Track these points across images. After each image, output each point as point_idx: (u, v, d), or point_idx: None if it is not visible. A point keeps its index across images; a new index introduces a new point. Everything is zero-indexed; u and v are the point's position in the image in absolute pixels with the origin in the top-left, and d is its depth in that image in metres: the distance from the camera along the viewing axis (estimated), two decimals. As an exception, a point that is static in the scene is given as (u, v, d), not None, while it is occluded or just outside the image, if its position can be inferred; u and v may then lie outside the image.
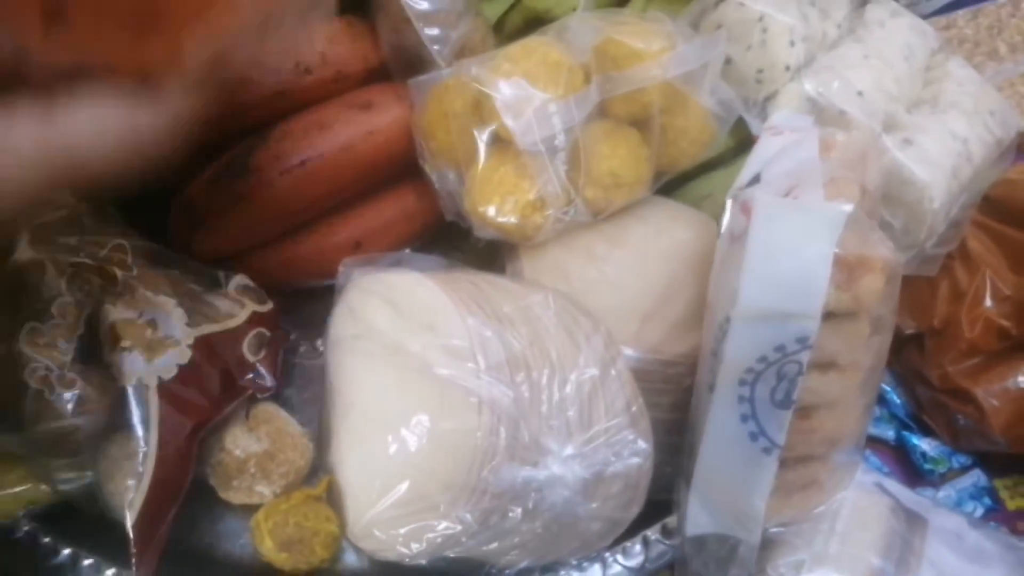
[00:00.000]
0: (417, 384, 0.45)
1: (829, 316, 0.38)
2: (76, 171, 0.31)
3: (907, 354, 0.57)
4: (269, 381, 0.53)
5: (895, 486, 0.48)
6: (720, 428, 0.41)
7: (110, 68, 0.32)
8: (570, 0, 0.60)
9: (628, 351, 0.50)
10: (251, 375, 0.52)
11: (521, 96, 0.47)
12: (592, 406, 0.45)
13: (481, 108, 0.49)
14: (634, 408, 0.46)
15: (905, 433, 0.56)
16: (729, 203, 0.41)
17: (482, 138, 0.50)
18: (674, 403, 0.50)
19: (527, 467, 0.43)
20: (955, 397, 0.54)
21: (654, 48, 0.49)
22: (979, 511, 0.55)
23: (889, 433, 0.57)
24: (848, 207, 0.36)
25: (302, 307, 0.59)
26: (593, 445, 0.45)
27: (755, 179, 0.47)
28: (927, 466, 0.55)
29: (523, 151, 0.48)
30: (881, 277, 0.38)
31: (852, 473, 0.45)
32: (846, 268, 0.38)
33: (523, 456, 0.44)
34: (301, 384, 0.57)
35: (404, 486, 0.44)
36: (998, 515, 0.55)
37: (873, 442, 0.57)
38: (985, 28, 0.70)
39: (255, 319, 0.53)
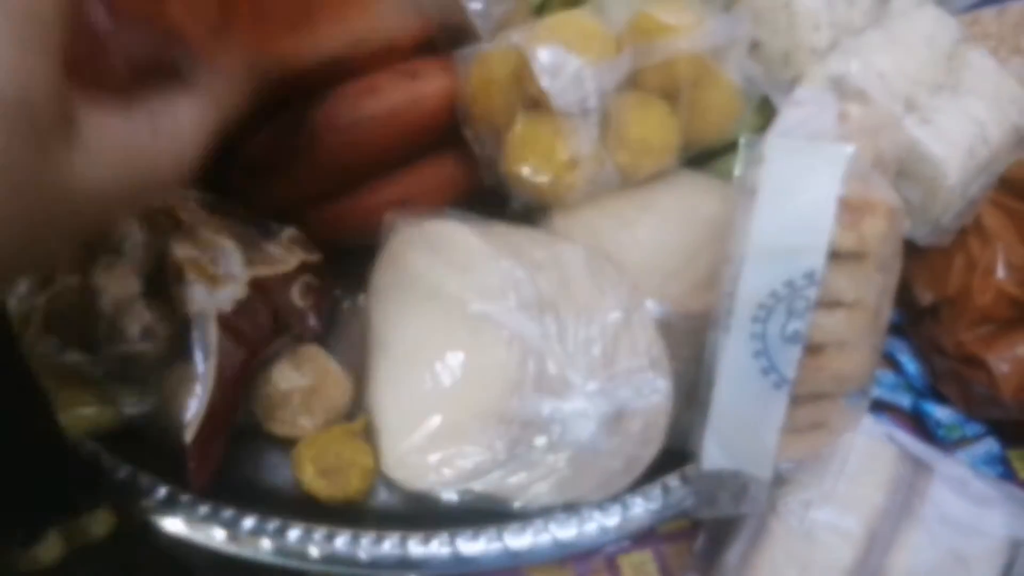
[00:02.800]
0: (452, 322, 0.48)
1: (835, 256, 0.41)
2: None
3: (924, 324, 0.59)
4: (315, 323, 0.56)
5: (905, 437, 0.50)
6: (734, 364, 0.44)
7: (261, 63, 0.38)
8: (609, -14, 0.64)
9: (651, 304, 0.53)
10: (299, 318, 0.56)
11: (557, 61, 0.51)
12: (616, 346, 0.48)
13: (520, 74, 0.53)
14: (655, 351, 0.49)
15: (920, 401, 0.58)
16: (742, 146, 0.44)
17: (520, 102, 0.54)
18: (693, 356, 0.53)
19: (553, 398, 0.47)
20: (968, 364, 0.56)
21: (684, 22, 0.53)
22: (991, 478, 0.56)
23: (905, 401, 0.59)
24: (851, 147, 0.39)
25: (347, 265, 0.63)
26: (615, 382, 0.48)
27: (775, 142, 0.50)
28: (941, 432, 0.57)
29: (558, 113, 0.51)
30: (884, 220, 0.41)
31: (859, 416, 0.47)
32: (851, 209, 0.41)
33: (550, 388, 0.47)
34: (343, 334, 0.61)
35: (437, 418, 0.48)
36: (1010, 484, 0.56)
37: (889, 409, 0.59)
38: (1011, 26, 0.72)
39: (304, 267, 0.57)
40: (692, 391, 0.52)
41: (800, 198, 0.40)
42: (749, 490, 0.47)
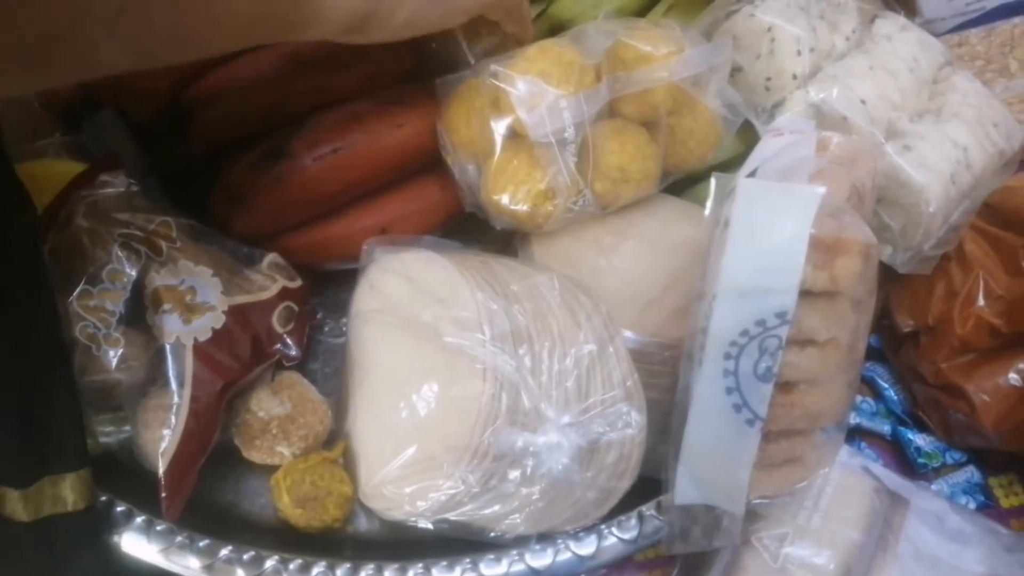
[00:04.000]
0: (428, 352, 0.48)
1: (807, 294, 0.41)
2: None
3: (904, 351, 0.59)
4: (295, 351, 0.57)
5: (881, 470, 0.50)
6: (707, 400, 0.44)
7: None
8: (592, 11, 0.64)
9: (629, 334, 0.53)
10: (279, 344, 0.56)
11: (535, 92, 0.51)
12: (590, 379, 0.48)
13: (499, 103, 0.53)
14: (629, 383, 0.49)
15: (900, 428, 0.58)
16: (713, 184, 0.44)
17: (499, 131, 0.54)
18: (670, 385, 0.53)
19: (526, 432, 0.47)
20: (948, 393, 0.56)
21: (661, 52, 0.53)
22: (971, 506, 0.56)
23: (885, 427, 0.59)
24: (822, 189, 0.39)
25: (330, 289, 0.63)
26: (589, 415, 0.48)
27: (752, 173, 0.50)
28: (921, 460, 0.57)
29: (535, 143, 0.51)
30: (858, 259, 0.41)
31: (835, 451, 0.47)
32: (823, 249, 0.40)
33: (523, 422, 0.47)
34: (325, 360, 0.61)
35: (412, 448, 0.48)
36: (991, 512, 0.56)
37: (868, 435, 0.59)
38: (997, 46, 0.72)
39: (285, 294, 0.57)
40: (668, 420, 0.52)
41: (771, 239, 0.39)
42: (722, 524, 0.47)
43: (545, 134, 0.51)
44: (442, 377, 0.48)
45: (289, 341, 0.57)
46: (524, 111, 0.51)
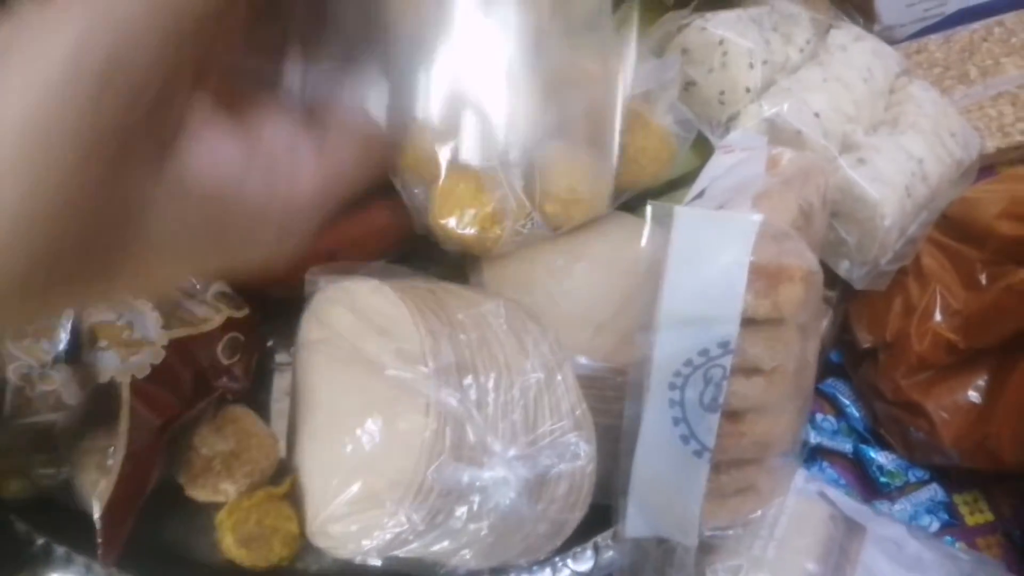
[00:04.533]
0: (371, 386, 0.47)
1: (750, 322, 0.40)
2: None
3: (864, 368, 0.58)
4: (241, 383, 0.55)
5: (837, 495, 0.49)
6: (653, 431, 0.43)
7: None
8: (542, 25, 0.63)
9: (581, 359, 0.51)
10: (224, 377, 0.54)
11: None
12: (537, 409, 0.47)
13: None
14: (578, 412, 0.47)
15: (862, 446, 0.57)
16: (649, 212, 0.43)
17: (444, 154, 0.53)
18: (623, 411, 0.52)
19: (472, 467, 0.45)
20: (908, 410, 0.55)
21: (608, 70, 0.51)
22: (935, 525, 0.55)
23: (847, 446, 0.58)
24: (759, 217, 0.38)
25: (281, 316, 0.62)
26: (537, 447, 0.46)
27: (700, 194, 0.49)
28: (883, 479, 0.56)
29: (479, 167, 0.50)
30: (800, 286, 0.40)
31: (789, 478, 0.46)
32: (765, 276, 0.39)
33: (469, 457, 0.45)
34: (276, 389, 0.60)
35: (357, 485, 0.46)
36: (956, 530, 0.56)
37: (830, 455, 0.58)
38: (957, 52, 0.71)
39: (230, 324, 0.55)
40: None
41: (709, 268, 0.38)
42: (675, 558, 0.46)
43: (486, 158, 0.50)
44: (385, 411, 0.46)
45: (236, 373, 0.55)
46: (463, 135, 0.49)
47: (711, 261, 0.38)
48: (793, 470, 0.46)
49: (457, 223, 0.53)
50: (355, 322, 0.49)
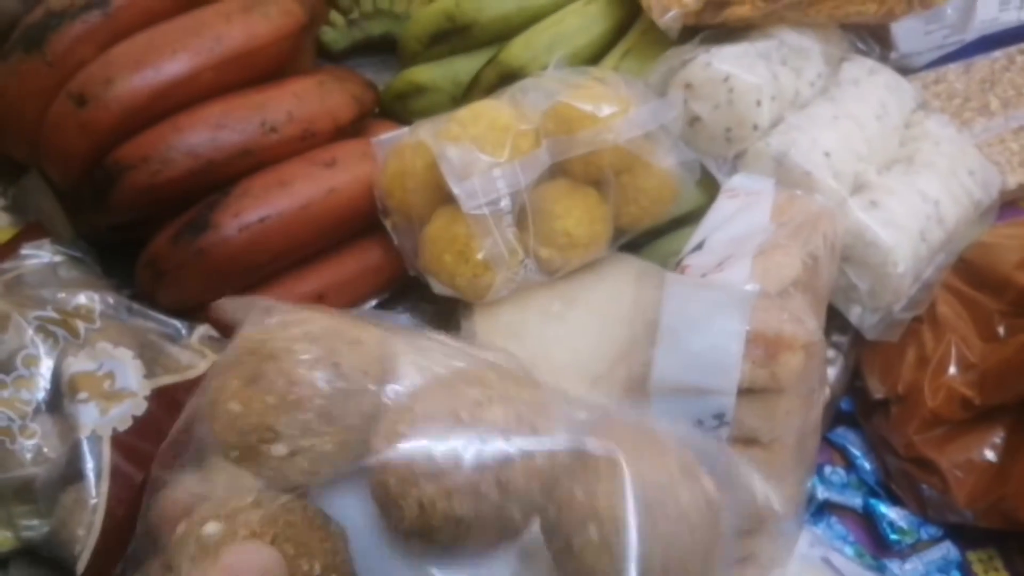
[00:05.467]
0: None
1: (748, 392, 0.38)
2: None
3: (876, 419, 0.56)
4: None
5: (843, 562, 0.46)
6: (646, 500, 0.41)
7: None
8: (544, 57, 0.61)
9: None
10: (211, 425, 0.53)
11: (467, 160, 0.48)
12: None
13: (436, 168, 0.50)
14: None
15: (873, 501, 0.55)
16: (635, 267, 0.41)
17: (437, 196, 0.51)
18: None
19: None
20: (920, 467, 0.52)
21: (605, 113, 0.50)
22: (948, 586, 0.53)
23: (856, 500, 0.55)
24: (753, 288, 0.36)
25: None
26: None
27: (699, 245, 0.47)
28: (894, 536, 0.53)
29: (467, 215, 0.48)
30: (801, 355, 0.38)
31: (790, 547, 0.44)
32: (764, 344, 0.37)
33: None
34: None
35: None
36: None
37: (839, 510, 0.55)
38: (977, 82, 0.68)
39: (217, 370, 0.54)
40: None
41: (702, 339, 0.36)
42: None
43: (478, 205, 0.48)
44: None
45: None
46: (455, 181, 0.48)
47: (704, 332, 0.36)
48: (795, 539, 0.44)
49: (448, 269, 0.51)
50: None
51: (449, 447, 0.27)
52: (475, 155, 0.48)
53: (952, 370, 0.52)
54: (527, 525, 0.29)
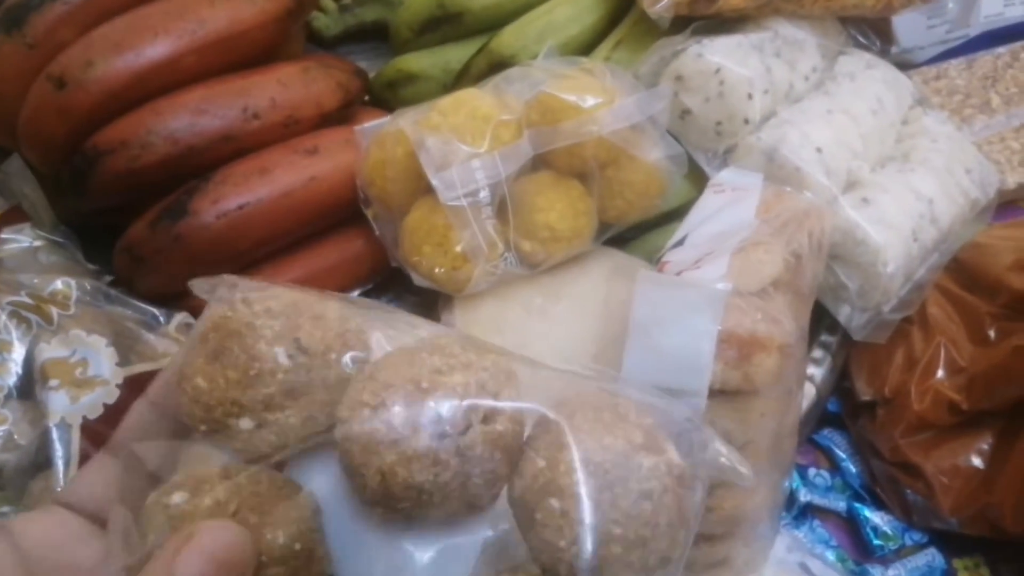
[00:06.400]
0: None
1: (720, 394, 0.37)
2: None
3: (863, 421, 0.55)
4: (204, 420, 0.53)
5: (821, 567, 0.45)
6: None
7: None
8: (534, 46, 0.60)
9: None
10: (186, 414, 0.52)
11: (446, 150, 0.47)
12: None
13: (416, 158, 0.49)
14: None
15: (857, 505, 0.54)
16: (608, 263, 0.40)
17: (419, 186, 0.50)
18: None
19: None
20: (905, 471, 0.51)
21: (588, 104, 0.48)
22: (932, 593, 0.52)
23: (840, 504, 0.54)
24: (725, 287, 0.35)
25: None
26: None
27: (680, 241, 0.46)
28: (877, 541, 0.52)
29: (446, 206, 0.47)
30: (776, 357, 0.36)
31: (766, 551, 0.43)
32: (737, 345, 0.36)
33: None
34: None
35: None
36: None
37: (823, 513, 0.54)
38: (979, 79, 0.67)
39: (194, 358, 0.53)
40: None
41: (673, 340, 0.35)
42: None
43: (456, 196, 0.47)
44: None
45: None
46: (433, 171, 0.47)
47: (674, 331, 0.35)
48: (770, 543, 0.43)
49: (427, 261, 0.50)
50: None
51: (408, 415, 0.27)
52: (454, 145, 0.47)
53: (940, 373, 0.50)
54: (494, 495, 0.29)
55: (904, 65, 0.68)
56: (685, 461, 0.28)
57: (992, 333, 0.50)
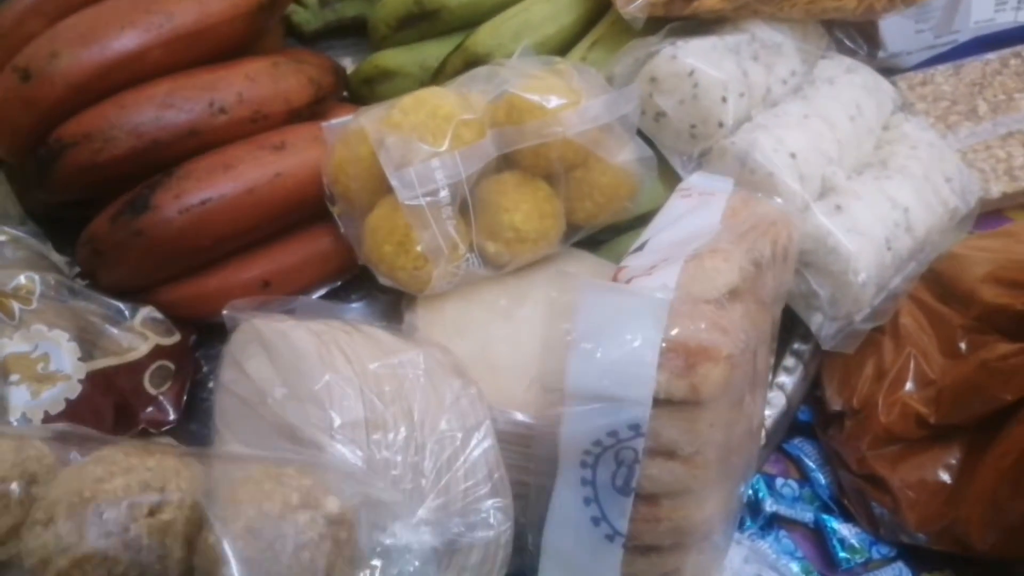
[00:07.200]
0: (274, 436, 0.44)
1: (666, 403, 0.36)
2: None
3: (832, 431, 0.54)
4: (171, 414, 0.53)
5: (777, 581, 0.45)
6: (563, 510, 0.39)
7: None
8: (510, 45, 0.59)
9: (516, 415, 0.48)
10: (151, 407, 0.52)
11: (406, 150, 0.47)
12: (450, 471, 0.44)
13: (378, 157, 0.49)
14: (496, 476, 0.44)
15: (824, 516, 0.53)
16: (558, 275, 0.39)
17: (381, 187, 0.50)
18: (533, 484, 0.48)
19: (375, 531, 0.42)
20: (872, 484, 0.50)
21: (552, 105, 0.48)
22: (899, 608, 0.51)
23: (807, 515, 0.53)
24: (666, 296, 0.34)
25: (218, 338, 0.59)
26: (448, 512, 0.43)
27: (641, 246, 0.45)
28: (843, 554, 0.51)
29: (404, 206, 0.47)
30: (723, 367, 0.36)
31: (718, 562, 0.42)
32: (684, 354, 0.35)
33: (372, 520, 0.42)
34: (208, 419, 0.57)
35: (256, 540, 0.44)
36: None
37: (789, 523, 0.53)
38: (966, 85, 0.65)
39: (159, 352, 0.53)
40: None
41: (617, 349, 0.35)
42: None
43: (415, 196, 0.46)
44: (285, 463, 0.43)
45: (165, 403, 0.53)
46: (392, 171, 0.46)
47: (618, 341, 0.35)
48: (723, 554, 0.42)
49: (389, 260, 0.49)
50: (266, 365, 0.47)
51: (73, 524, 0.32)
52: (414, 144, 0.46)
53: (909, 385, 0.49)
54: (182, 573, 0.34)
55: (891, 70, 0.67)
56: (348, 503, 0.35)
57: (963, 346, 0.49)
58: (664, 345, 0.35)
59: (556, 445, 0.39)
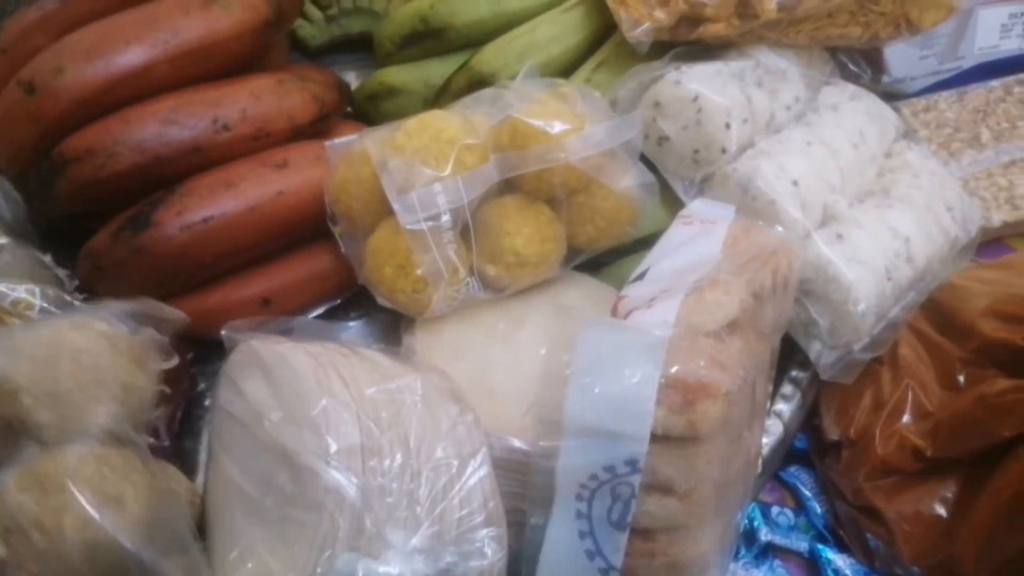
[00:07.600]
0: (271, 459, 0.44)
1: (663, 440, 0.36)
2: None
3: (829, 461, 0.54)
4: (164, 439, 0.53)
5: (771, 615, 0.44)
6: (559, 543, 0.39)
7: None
8: (515, 65, 0.59)
9: (513, 441, 0.48)
10: (144, 433, 0.52)
11: (408, 173, 0.46)
12: (445, 499, 0.43)
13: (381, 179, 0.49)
14: (491, 505, 0.44)
15: (820, 546, 0.53)
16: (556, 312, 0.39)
17: (383, 208, 0.50)
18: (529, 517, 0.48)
19: (367, 560, 0.42)
20: (868, 515, 0.50)
21: (556, 130, 0.48)
22: (893, 641, 0.50)
23: (802, 544, 0.53)
24: (665, 334, 0.34)
25: (215, 356, 0.59)
26: (442, 541, 0.43)
27: (641, 275, 0.45)
28: (838, 585, 0.51)
29: (405, 230, 0.47)
30: (722, 404, 0.36)
31: (712, 599, 0.42)
32: (683, 391, 0.35)
33: (365, 548, 0.42)
34: (205, 436, 0.57)
35: (249, 565, 0.44)
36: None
37: (784, 553, 0.53)
38: (969, 112, 0.65)
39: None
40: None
41: (615, 384, 0.35)
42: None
43: (416, 220, 0.46)
44: (279, 489, 0.43)
45: (158, 428, 0.53)
46: (394, 194, 0.46)
47: (617, 376, 0.35)
48: (718, 589, 0.42)
49: (389, 282, 0.49)
50: (262, 388, 0.46)
51: None
52: (417, 168, 0.46)
53: (906, 418, 0.49)
54: None
55: (895, 95, 0.67)
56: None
57: (962, 379, 0.49)
58: (663, 381, 0.35)
59: (552, 477, 0.39)
